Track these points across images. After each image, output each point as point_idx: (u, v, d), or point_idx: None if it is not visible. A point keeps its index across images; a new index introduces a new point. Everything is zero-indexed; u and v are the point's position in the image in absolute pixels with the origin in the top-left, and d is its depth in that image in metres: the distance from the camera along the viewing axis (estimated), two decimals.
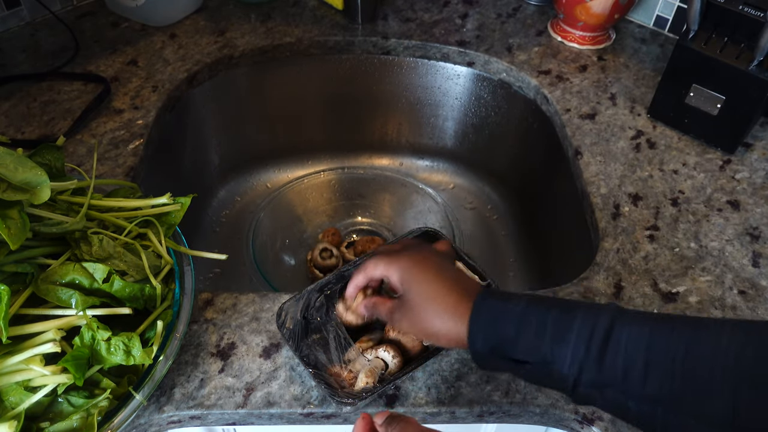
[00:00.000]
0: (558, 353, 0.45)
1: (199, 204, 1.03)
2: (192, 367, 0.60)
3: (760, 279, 0.68)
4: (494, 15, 1.07)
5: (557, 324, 0.45)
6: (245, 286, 0.94)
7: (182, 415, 0.57)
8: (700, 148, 0.84)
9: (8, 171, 0.50)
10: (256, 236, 0.96)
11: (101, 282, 0.54)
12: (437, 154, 1.14)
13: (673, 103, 0.84)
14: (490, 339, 0.47)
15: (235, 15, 1.05)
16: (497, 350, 0.47)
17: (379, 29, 1.02)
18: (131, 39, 0.99)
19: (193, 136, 1.00)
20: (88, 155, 0.79)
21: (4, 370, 0.50)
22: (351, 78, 1.05)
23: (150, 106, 0.87)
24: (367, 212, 1.06)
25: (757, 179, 0.80)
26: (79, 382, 0.50)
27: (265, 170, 1.12)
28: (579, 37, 1.00)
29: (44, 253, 0.56)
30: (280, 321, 0.59)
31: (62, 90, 0.89)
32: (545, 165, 0.97)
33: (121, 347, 0.52)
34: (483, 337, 0.47)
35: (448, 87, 1.05)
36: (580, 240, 0.80)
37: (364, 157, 1.15)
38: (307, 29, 1.02)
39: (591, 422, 0.57)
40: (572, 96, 0.92)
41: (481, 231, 1.06)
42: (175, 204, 0.62)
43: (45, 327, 0.52)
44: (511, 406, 0.58)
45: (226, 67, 0.98)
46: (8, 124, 0.83)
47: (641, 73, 0.96)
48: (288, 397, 0.58)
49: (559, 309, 0.46)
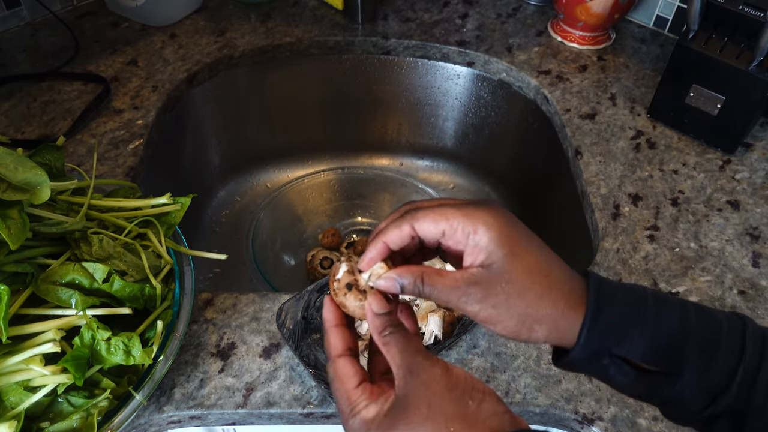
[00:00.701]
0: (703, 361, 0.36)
1: (199, 204, 1.03)
2: (192, 367, 0.60)
3: (760, 279, 0.68)
4: (494, 15, 1.07)
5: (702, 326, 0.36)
6: (245, 286, 0.94)
7: (182, 415, 0.57)
8: (700, 148, 0.84)
9: (8, 171, 0.50)
10: (256, 236, 0.96)
11: (101, 282, 0.54)
12: (437, 154, 1.14)
13: (673, 103, 0.84)
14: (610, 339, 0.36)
15: (235, 15, 1.05)
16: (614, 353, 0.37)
17: (379, 29, 1.02)
18: (131, 39, 0.99)
19: (193, 136, 1.00)
20: (88, 155, 0.79)
21: (4, 370, 0.50)
22: (351, 78, 1.05)
23: (150, 106, 0.87)
24: (367, 212, 1.06)
25: (757, 179, 0.80)
26: (79, 382, 0.50)
27: (265, 170, 1.12)
28: (579, 37, 1.00)
29: (44, 253, 0.56)
30: (280, 321, 0.59)
31: (62, 90, 0.89)
32: (545, 165, 0.97)
33: (121, 347, 0.52)
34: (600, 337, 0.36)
35: (448, 87, 1.05)
36: (580, 240, 0.80)
37: (364, 157, 1.15)
38: (307, 29, 1.02)
39: (591, 422, 0.57)
40: (572, 96, 0.92)
41: None
42: (175, 204, 0.62)
43: (45, 327, 0.52)
44: (511, 406, 0.58)
45: (226, 67, 0.98)
46: (8, 124, 0.83)
47: (641, 73, 0.96)
48: (288, 397, 0.58)
49: (695, 308, 0.38)
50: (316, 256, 0.94)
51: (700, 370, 0.35)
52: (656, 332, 0.36)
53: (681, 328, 0.36)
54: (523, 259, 0.36)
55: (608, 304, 0.36)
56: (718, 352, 0.35)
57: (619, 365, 0.36)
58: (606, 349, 0.36)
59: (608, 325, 0.36)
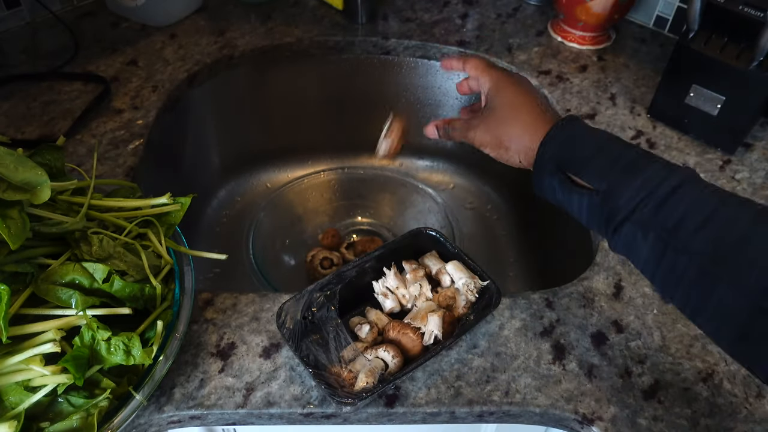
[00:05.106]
0: (623, 184, 0.45)
1: (199, 204, 1.03)
2: (192, 367, 0.60)
3: None
4: (494, 15, 1.07)
5: (635, 161, 0.46)
6: (245, 286, 0.94)
7: (182, 415, 0.57)
8: (700, 148, 0.84)
9: (8, 171, 0.50)
10: (256, 236, 0.96)
11: (101, 282, 0.54)
12: (437, 154, 1.14)
13: (673, 103, 0.84)
14: (563, 152, 0.48)
15: (235, 15, 1.05)
16: (563, 166, 0.48)
17: (379, 29, 1.02)
18: (131, 39, 0.99)
19: (193, 136, 1.00)
20: (88, 155, 0.79)
21: (4, 370, 0.50)
22: (351, 78, 1.05)
23: (150, 106, 0.87)
24: (367, 212, 1.06)
25: (757, 179, 0.80)
26: (79, 382, 0.50)
27: (265, 170, 1.12)
28: (579, 37, 1.00)
29: (44, 253, 0.56)
30: (280, 321, 0.59)
31: (62, 90, 0.89)
32: None
33: (121, 347, 0.52)
34: (556, 149, 0.49)
35: (448, 87, 1.05)
36: (580, 240, 0.80)
37: (364, 157, 1.15)
38: (307, 29, 1.02)
39: (591, 422, 0.57)
40: (572, 96, 0.92)
41: (481, 231, 1.06)
42: (175, 204, 0.62)
43: (45, 327, 0.52)
44: (511, 406, 0.58)
45: (226, 67, 0.98)
46: (8, 124, 0.83)
47: (641, 73, 0.96)
48: (288, 397, 0.58)
49: (641, 152, 0.47)
50: (316, 256, 0.94)
51: (620, 188, 0.45)
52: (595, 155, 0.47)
53: (617, 157, 0.46)
54: (508, 98, 0.54)
55: (567, 130, 0.49)
56: (638, 177, 0.45)
57: (561, 178, 0.48)
58: (557, 160, 0.48)
59: (560, 144, 0.48)
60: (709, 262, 0.42)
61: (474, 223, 1.07)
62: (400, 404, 0.58)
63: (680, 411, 0.57)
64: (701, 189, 0.44)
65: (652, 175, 0.45)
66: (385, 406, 0.58)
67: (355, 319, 0.63)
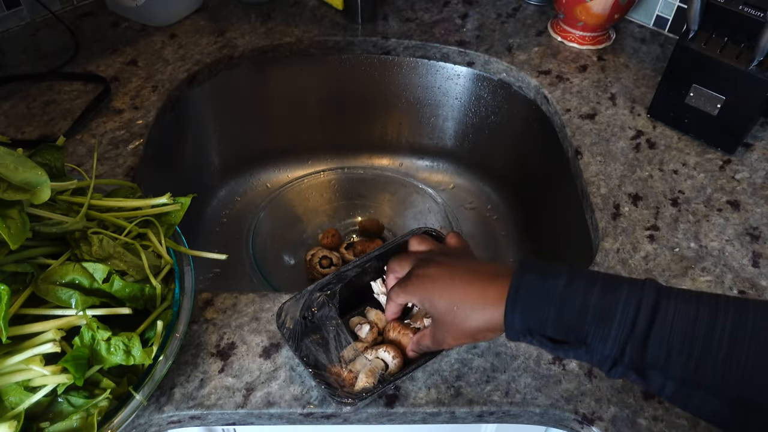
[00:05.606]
0: (600, 334, 0.44)
1: (199, 204, 1.03)
2: (192, 367, 0.60)
3: (760, 279, 0.68)
4: (494, 15, 1.07)
5: (600, 303, 0.44)
6: (245, 286, 0.94)
7: (182, 415, 0.57)
8: (700, 148, 0.84)
9: (8, 171, 0.50)
10: (256, 236, 0.96)
11: (101, 282, 0.54)
12: (437, 154, 1.14)
13: (673, 103, 0.84)
14: (528, 320, 0.46)
15: (235, 15, 1.05)
16: (535, 330, 0.46)
17: (379, 29, 1.02)
18: (131, 39, 0.99)
19: (193, 136, 1.00)
20: (88, 155, 0.79)
21: (4, 370, 0.50)
22: (351, 78, 1.05)
23: (150, 106, 0.87)
24: (367, 212, 1.06)
25: (757, 179, 0.80)
26: (79, 382, 0.50)
27: (265, 170, 1.12)
28: (579, 37, 1.00)
29: (44, 253, 0.56)
30: (280, 321, 0.59)
31: (62, 90, 0.89)
32: (545, 165, 0.97)
33: (121, 347, 0.52)
34: (520, 319, 0.46)
35: (448, 87, 1.05)
36: (580, 240, 0.80)
37: (364, 157, 1.15)
38: (307, 29, 1.02)
39: (591, 422, 0.57)
40: (572, 96, 0.92)
41: (481, 231, 1.06)
42: (175, 204, 0.62)
43: (45, 327, 0.52)
44: (511, 406, 0.58)
45: (226, 67, 0.98)
46: (8, 124, 0.83)
47: (641, 73, 0.96)
48: (288, 397, 0.58)
49: (601, 286, 0.45)
50: (316, 255, 0.94)
51: (599, 340, 0.44)
52: (561, 314, 0.45)
53: (582, 308, 0.45)
54: (442, 301, 0.50)
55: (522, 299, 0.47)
56: (612, 324, 0.43)
57: (540, 339, 0.47)
58: (528, 328, 0.46)
59: (522, 314, 0.46)
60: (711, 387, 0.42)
61: (474, 223, 1.07)
62: (400, 404, 0.58)
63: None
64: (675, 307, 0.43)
65: (623, 317, 0.43)
66: (385, 406, 0.58)
67: (355, 319, 0.63)
